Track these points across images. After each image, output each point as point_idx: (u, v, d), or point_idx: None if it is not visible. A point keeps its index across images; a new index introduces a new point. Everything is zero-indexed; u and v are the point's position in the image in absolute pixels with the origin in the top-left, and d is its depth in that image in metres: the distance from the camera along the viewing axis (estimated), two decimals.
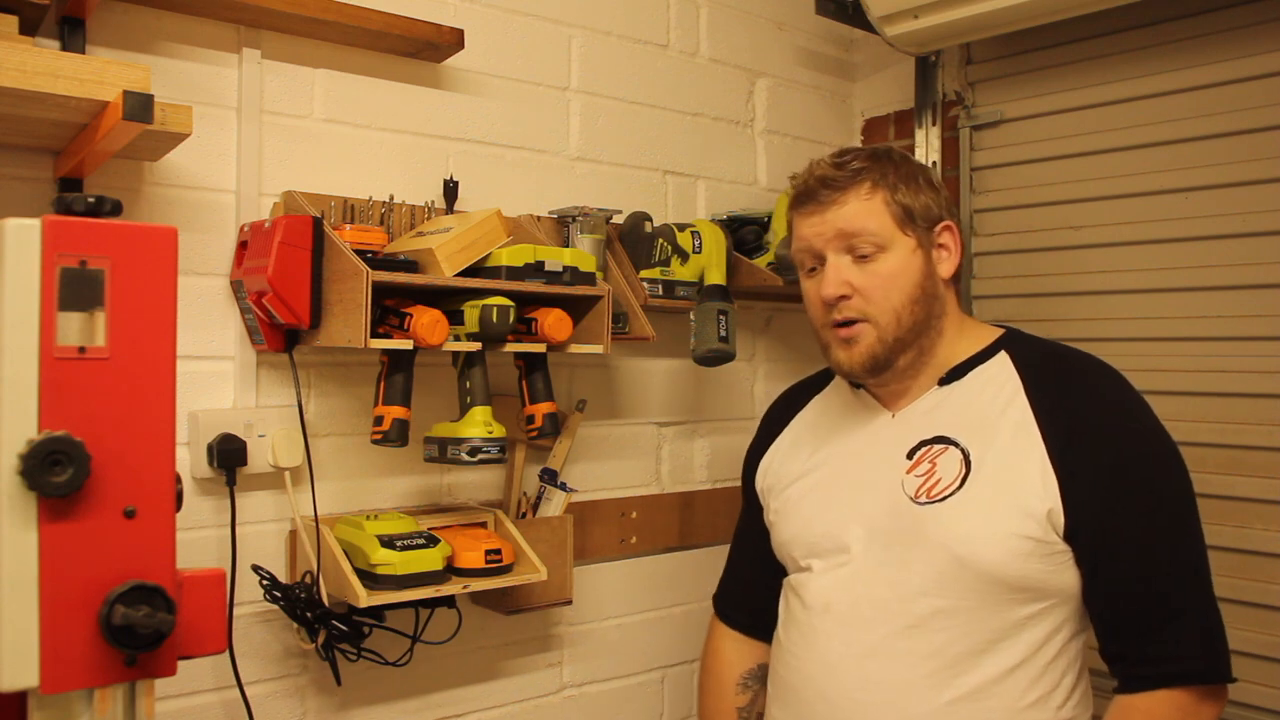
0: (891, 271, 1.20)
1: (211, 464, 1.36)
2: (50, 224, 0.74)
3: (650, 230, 1.72)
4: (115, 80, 1.04)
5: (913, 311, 1.21)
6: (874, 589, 1.19)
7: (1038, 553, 1.11)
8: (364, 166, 1.53)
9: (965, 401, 1.22)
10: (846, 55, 2.22)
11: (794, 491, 1.34)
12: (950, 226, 1.25)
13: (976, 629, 1.13)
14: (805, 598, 1.27)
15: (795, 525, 1.32)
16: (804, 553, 1.29)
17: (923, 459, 1.20)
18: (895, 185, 1.22)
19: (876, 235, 1.20)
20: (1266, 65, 1.60)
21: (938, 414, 1.23)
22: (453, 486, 1.63)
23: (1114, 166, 1.78)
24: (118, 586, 0.74)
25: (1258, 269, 1.60)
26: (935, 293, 1.23)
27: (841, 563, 1.23)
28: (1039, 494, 1.11)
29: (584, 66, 1.79)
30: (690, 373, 1.92)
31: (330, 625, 1.39)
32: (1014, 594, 1.13)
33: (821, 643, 1.23)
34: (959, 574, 1.13)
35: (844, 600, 1.21)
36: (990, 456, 1.16)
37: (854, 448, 1.30)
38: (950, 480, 1.16)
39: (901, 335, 1.21)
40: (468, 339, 1.42)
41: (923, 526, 1.16)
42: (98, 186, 1.29)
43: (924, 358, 1.24)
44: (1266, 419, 1.58)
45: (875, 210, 1.21)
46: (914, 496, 1.18)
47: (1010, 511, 1.12)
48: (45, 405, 0.73)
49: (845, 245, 1.22)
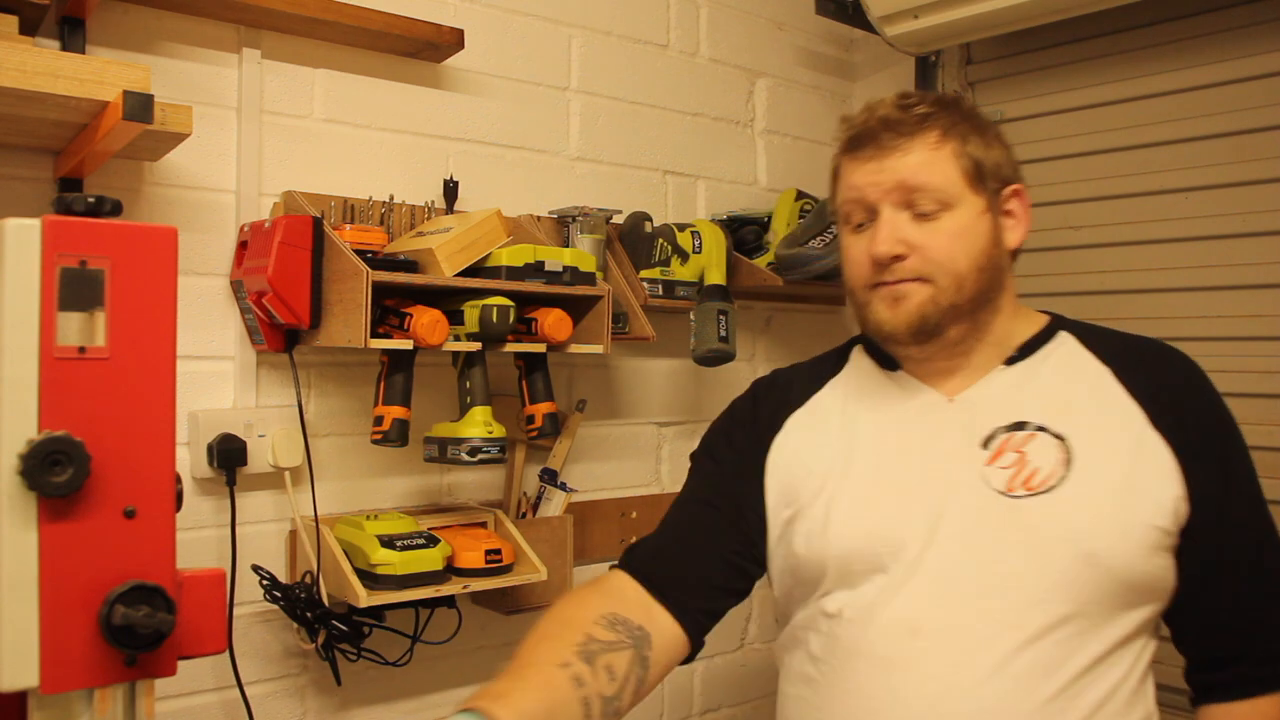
0: (957, 231, 1.04)
1: (211, 464, 1.36)
2: (50, 224, 0.74)
3: (650, 230, 1.72)
4: (115, 80, 1.04)
5: (976, 280, 1.04)
6: (978, 602, 0.99)
7: (1162, 545, 0.99)
8: (364, 166, 1.53)
9: (1041, 384, 1.07)
10: (846, 55, 2.22)
11: (832, 494, 1.09)
12: (1020, 191, 1.09)
13: (1096, 639, 0.98)
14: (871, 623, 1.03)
15: (847, 536, 1.06)
16: (861, 565, 1.05)
17: (1005, 448, 1.04)
18: (967, 135, 1.05)
19: (942, 191, 1.03)
20: (1266, 65, 1.60)
21: (1010, 397, 1.07)
22: (453, 486, 1.63)
23: (1114, 166, 1.78)
24: (118, 586, 0.74)
25: (1258, 269, 1.60)
26: (1000, 263, 1.07)
27: (922, 575, 1.02)
28: (1164, 482, 1.00)
29: (584, 66, 1.79)
30: (690, 373, 1.92)
31: (330, 625, 1.39)
32: (1134, 596, 0.99)
33: (911, 676, 0.99)
34: (1084, 574, 0.97)
35: (938, 620, 1.00)
36: (1093, 442, 1.02)
37: (905, 438, 1.09)
38: (1051, 469, 1.01)
39: (960, 303, 1.04)
40: (468, 339, 1.42)
41: (1028, 522, 0.99)
42: (98, 186, 1.29)
43: (977, 333, 1.08)
44: (1266, 419, 1.58)
45: (943, 163, 1.04)
46: (1006, 490, 1.01)
47: (1140, 499, 0.99)
48: (45, 405, 0.73)
49: (904, 200, 1.04)
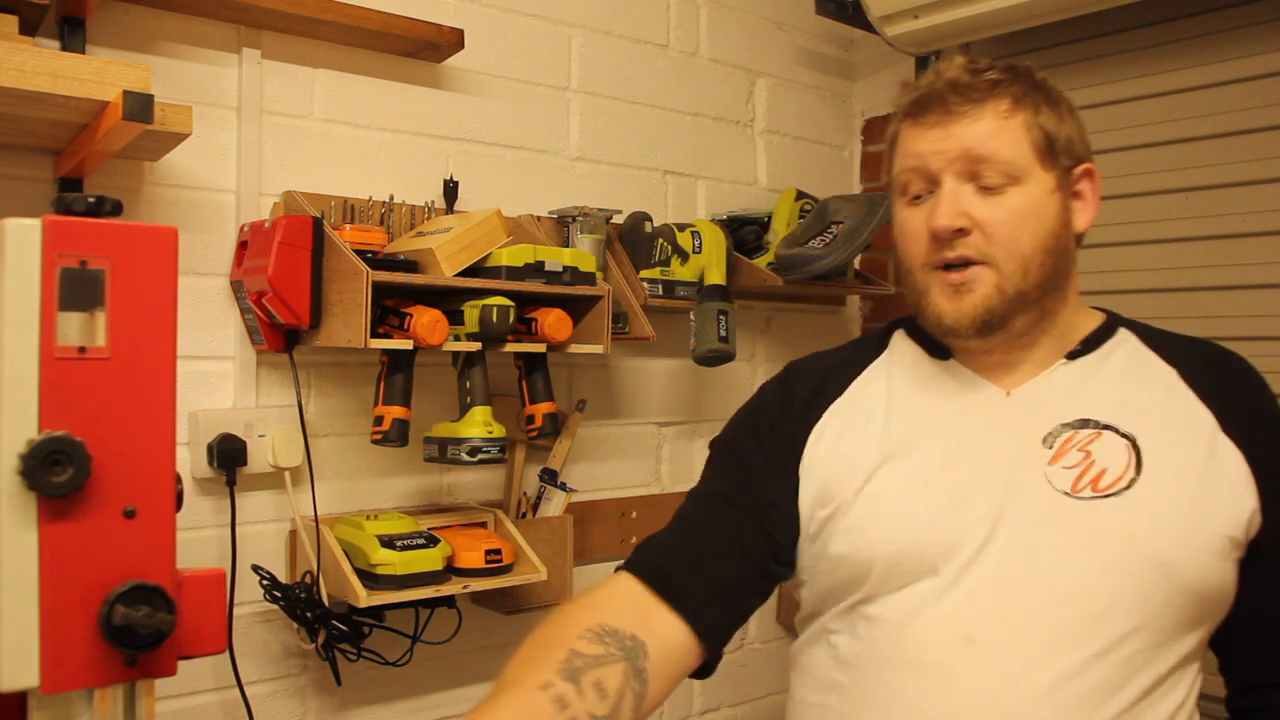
0: (1024, 208, 0.96)
1: (211, 464, 1.36)
2: (50, 224, 0.74)
3: (650, 230, 1.72)
4: (115, 80, 1.04)
5: (1043, 263, 0.97)
6: (1039, 609, 0.91)
7: (1233, 558, 0.94)
8: (364, 166, 1.53)
9: (1105, 381, 1.01)
10: (846, 55, 2.22)
11: (878, 489, 1.00)
12: (1091, 170, 1.02)
13: (1161, 657, 0.91)
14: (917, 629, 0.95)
15: (896, 535, 0.98)
16: (909, 566, 0.97)
17: (1068, 446, 0.97)
18: (1039, 106, 0.98)
19: (1011, 164, 0.96)
20: (1266, 65, 1.60)
21: (1073, 393, 1.00)
22: (453, 486, 1.63)
23: (1114, 166, 1.78)
24: (118, 586, 0.74)
25: (1258, 269, 1.60)
26: (1067, 247, 1.00)
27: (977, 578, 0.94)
28: (1239, 491, 0.94)
29: (584, 66, 1.79)
30: (690, 373, 1.92)
31: (330, 625, 1.39)
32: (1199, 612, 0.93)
33: (962, 687, 0.92)
34: (1157, 585, 0.90)
35: (995, 627, 0.92)
36: (1163, 446, 0.95)
37: (959, 432, 1.01)
38: (1120, 471, 0.94)
39: (1026, 289, 0.97)
40: (468, 339, 1.42)
41: (1097, 526, 0.92)
42: (98, 186, 1.29)
43: (1043, 323, 1.00)
44: None
45: (1014, 132, 0.96)
46: (1071, 491, 0.94)
47: (1215, 508, 0.93)
48: (45, 405, 0.73)
49: (969, 171, 0.96)
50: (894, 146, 1.05)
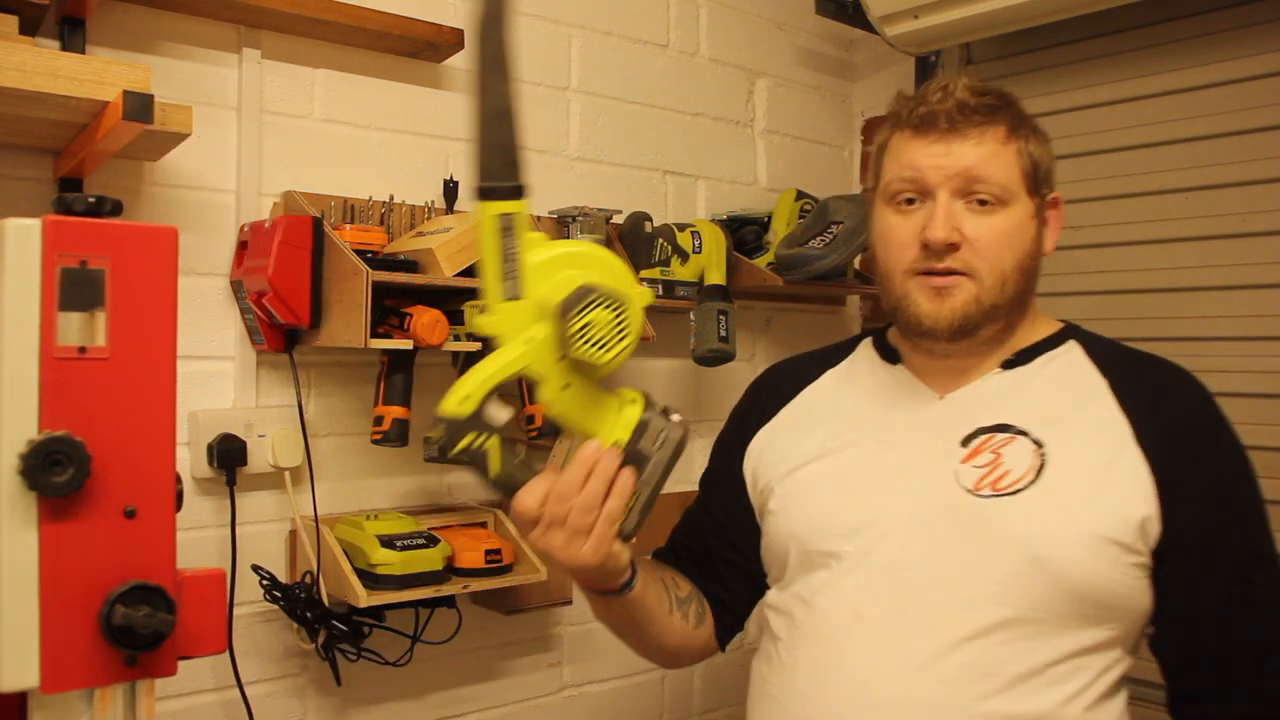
0: (1009, 229, 1.03)
1: (211, 464, 1.36)
2: (50, 224, 0.74)
3: (650, 230, 1.72)
4: (115, 80, 1.04)
5: (1017, 281, 1.04)
6: (923, 594, 1.00)
7: (1122, 562, 0.97)
8: (364, 166, 1.53)
9: (1033, 389, 1.06)
10: (846, 55, 2.22)
11: (806, 474, 1.12)
12: (1058, 199, 1.10)
13: (1040, 647, 0.96)
14: (823, 606, 1.05)
15: (810, 513, 1.09)
16: (821, 548, 1.07)
17: (983, 448, 1.03)
18: (1029, 136, 1.05)
19: (1003, 187, 1.02)
20: (1266, 65, 1.60)
21: (999, 399, 1.06)
22: (453, 486, 1.63)
23: (1114, 166, 1.78)
24: (118, 586, 0.74)
25: (1258, 269, 1.60)
26: (1036, 267, 1.08)
27: (876, 563, 1.03)
28: (1133, 498, 0.97)
29: (584, 66, 1.79)
30: (690, 373, 1.92)
31: (330, 625, 1.39)
32: (1088, 610, 0.97)
33: (849, 659, 1.01)
34: (1033, 579, 0.96)
35: (883, 607, 1.01)
36: (1069, 452, 1.00)
37: (890, 430, 1.09)
38: (1021, 473, 1.00)
39: (1000, 303, 1.04)
40: (468, 339, 1.42)
41: (987, 522, 0.99)
42: (98, 186, 1.29)
43: (1003, 335, 1.08)
44: (1266, 419, 1.58)
45: (1008, 159, 1.03)
46: (973, 489, 1.01)
47: (1099, 512, 0.97)
48: (45, 405, 0.73)
49: (964, 188, 1.03)
50: (885, 153, 1.10)
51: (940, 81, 1.08)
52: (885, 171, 1.09)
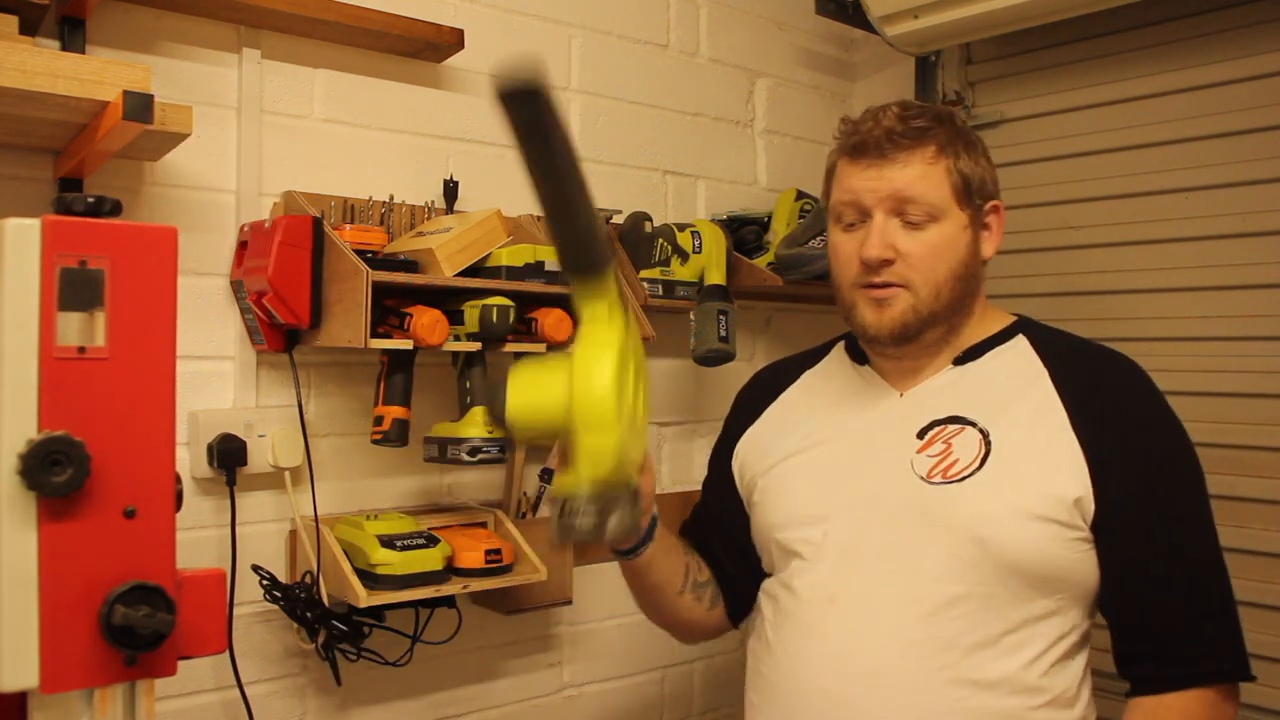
0: (940, 243, 1.13)
1: (211, 464, 1.36)
2: (50, 224, 0.74)
3: (650, 230, 1.72)
4: (115, 80, 1.04)
5: (952, 288, 1.14)
6: (886, 575, 1.11)
7: (1061, 538, 1.06)
8: (364, 166, 1.53)
9: (982, 382, 1.16)
10: (846, 55, 2.22)
11: (784, 468, 1.24)
12: (998, 206, 1.20)
13: (993, 619, 1.06)
14: (800, 590, 1.16)
15: (786, 504, 1.22)
16: (796, 536, 1.19)
17: (935, 439, 1.13)
18: (959, 153, 1.15)
19: (934, 204, 1.13)
20: (1266, 65, 1.60)
21: (952, 393, 1.17)
22: (453, 486, 1.63)
23: (1114, 166, 1.78)
24: (118, 586, 0.74)
25: (1258, 269, 1.60)
26: (975, 272, 1.18)
27: (844, 548, 1.14)
28: (1067, 479, 1.07)
29: (584, 66, 1.79)
30: (690, 373, 1.92)
31: (330, 625, 1.39)
32: (1033, 583, 1.07)
33: (824, 637, 1.13)
34: (979, 558, 1.07)
35: (851, 589, 1.12)
36: (1012, 438, 1.10)
37: (856, 426, 1.21)
38: (968, 461, 1.10)
39: (937, 310, 1.14)
40: (468, 339, 1.42)
41: (938, 508, 1.10)
42: (98, 186, 1.29)
43: (949, 336, 1.18)
44: (1266, 419, 1.58)
45: (936, 178, 1.13)
46: (926, 476, 1.11)
47: (1035, 494, 1.07)
48: (45, 405, 0.73)
49: (897, 208, 1.13)
50: (831, 178, 1.22)
51: (874, 109, 1.18)
52: (831, 195, 1.21)
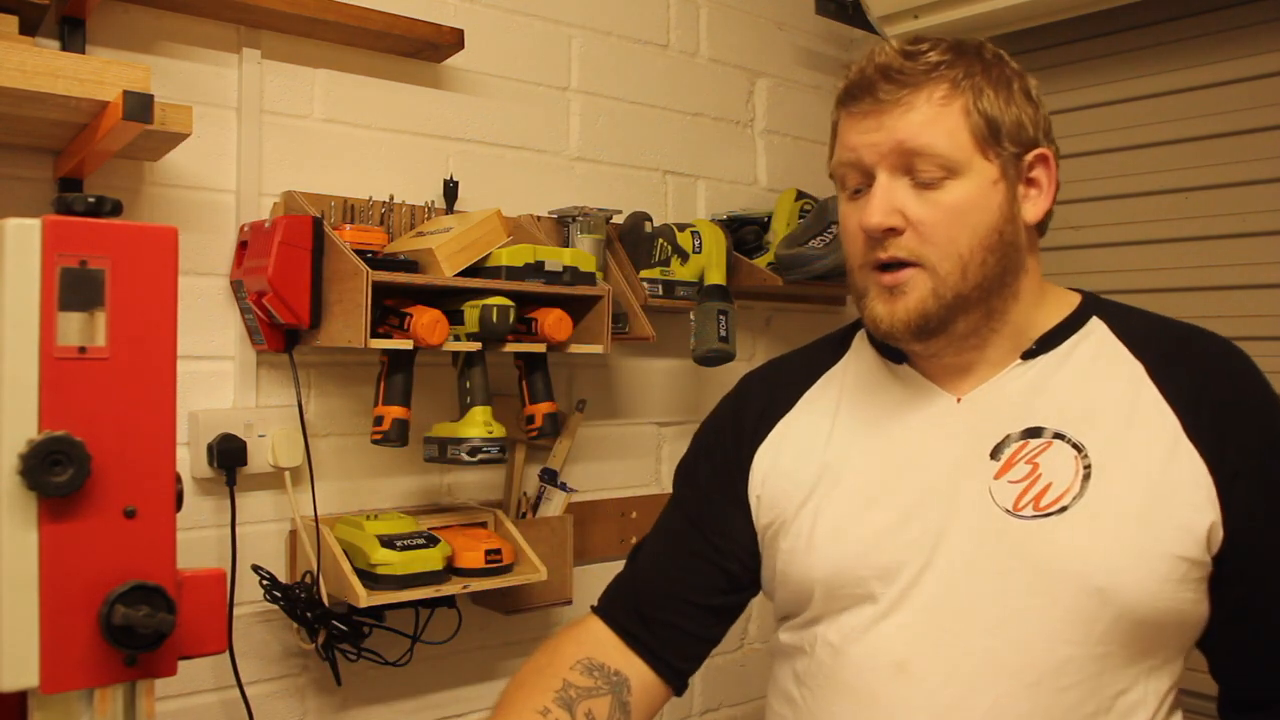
0: (961, 204, 0.89)
1: (211, 464, 1.36)
2: (50, 224, 0.74)
3: (650, 230, 1.72)
4: (115, 80, 1.04)
5: (984, 261, 0.90)
6: (977, 638, 0.88)
7: (1190, 578, 0.86)
8: (364, 166, 1.53)
9: (1063, 382, 0.93)
10: (846, 55, 2.22)
11: (818, 507, 0.98)
12: (1045, 156, 0.94)
13: (1112, 683, 0.86)
14: (854, 654, 0.93)
15: (832, 557, 0.95)
16: (849, 591, 0.94)
17: (1016, 458, 0.91)
18: (981, 89, 0.90)
19: (947, 156, 0.89)
20: (1266, 65, 1.60)
21: (1026, 398, 0.94)
22: (453, 486, 1.63)
23: (1114, 166, 1.78)
24: (118, 586, 0.74)
25: (1258, 269, 1.61)
26: (1015, 240, 0.92)
27: (915, 605, 0.91)
28: (1196, 504, 0.86)
29: (584, 66, 1.79)
30: (690, 373, 1.92)
31: (330, 625, 1.39)
32: (1155, 634, 0.87)
33: (899, 715, 0.89)
34: (1097, 611, 0.85)
35: (928, 656, 0.89)
36: (1115, 454, 0.88)
37: (906, 444, 0.97)
38: (1065, 486, 0.88)
39: (965, 291, 0.91)
40: (468, 339, 1.42)
41: (1036, 550, 0.87)
42: (98, 186, 1.29)
43: (993, 324, 0.94)
44: None
45: (951, 121, 0.89)
46: (1013, 509, 0.89)
47: (1165, 527, 0.85)
48: (45, 405, 0.73)
49: (904, 164, 0.90)
50: (834, 136, 0.98)
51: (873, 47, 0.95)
52: (833, 156, 0.98)
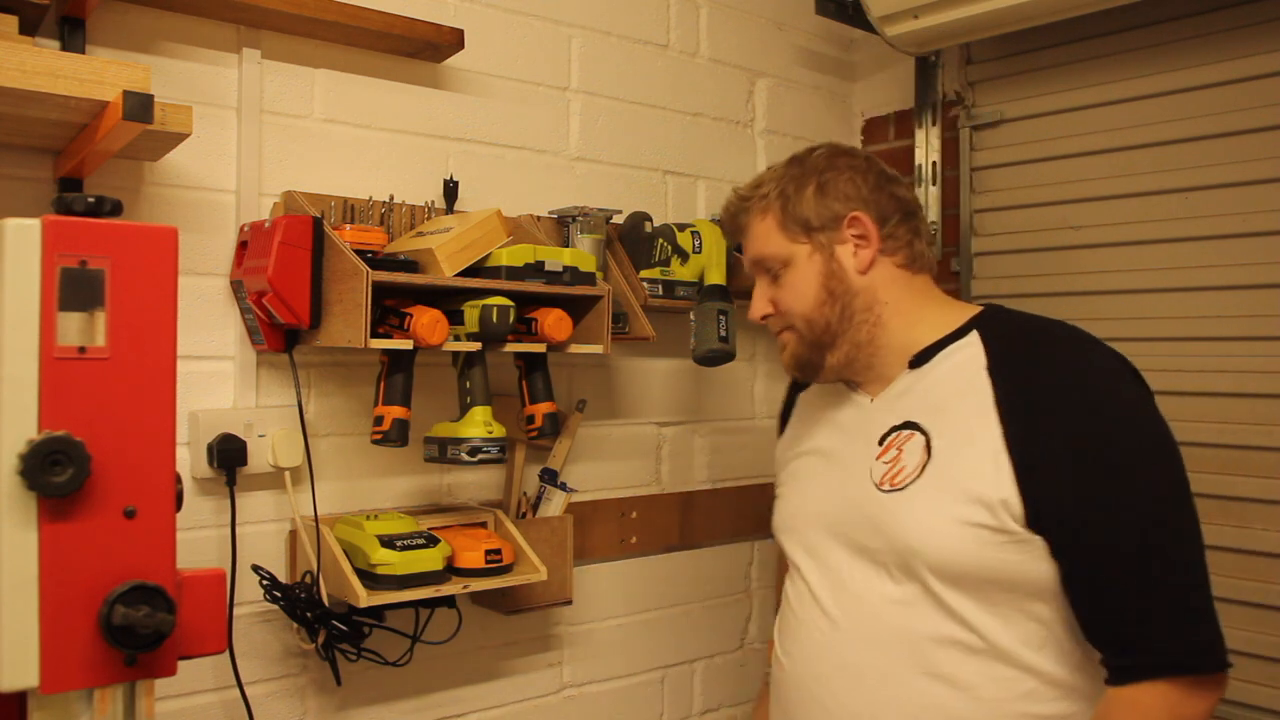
0: (794, 283, 1.23)
1: (211, 464, 1.36)
2: (50, 224, 0.74)
3: (650, 230, 1.72)
4: (115, 80, 1.04)
5: (822, 314, 1.21)
6: (850, 583, 1.19)
7: (995, 541, 1.07)
8: (364, 166, 1.53)
9: (931, 384, 1.18)
10: (846, 55, 2.22)
11: (785, 474, 1.36)
12: (858, 217, 1.21)
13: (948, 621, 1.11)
14: (795, 581, 1.28)
15: (782, 510, 1.33)
16: (784, 538, 1.31)
17: (891, 445, 1.18)
18: (786, 197, 1.23)
19: (775, 255, 1.24)
20: (1266, 65, 1.60)
21: (907, 398, 1.19)
22: (453, 486, 1.63)
23: (1114, 166, 1.78)
24: (118, 586, 0.74)
25: (1258, 269, 1.60)
26: (847, 288, 1.21)
27: (818, 550, 1.23)
28: (990, 481, 1.07)
29: (584, 66, 1.79)
30: (690, 373, 1.92)
31: (330, 625, 1.39)
32: (982, 585, 1.09)
33: (805, 618, 1.23)
34: (911, 563, 1.12)
35: (826, 587, 1.21)
36: (948, 442, 1.12)
37: (835, 433, 1.28)
38: (913, 468, 1.14)
39: (817, 338, 1.22)
40: (468, 339, 1.42)
41: (880, 516, 1.15)
42: (98, 186, 1.29)
43: (865, 350, 1.22)
44: (1266, 419, 1.58)
45: (769, 233, 1.24)
46: (879, 484, 1.17)
47: (958, 499, 1.09)
48: (45, 405, 0.73)
49: (761, 268, 1.26)
50: None
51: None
52: None
